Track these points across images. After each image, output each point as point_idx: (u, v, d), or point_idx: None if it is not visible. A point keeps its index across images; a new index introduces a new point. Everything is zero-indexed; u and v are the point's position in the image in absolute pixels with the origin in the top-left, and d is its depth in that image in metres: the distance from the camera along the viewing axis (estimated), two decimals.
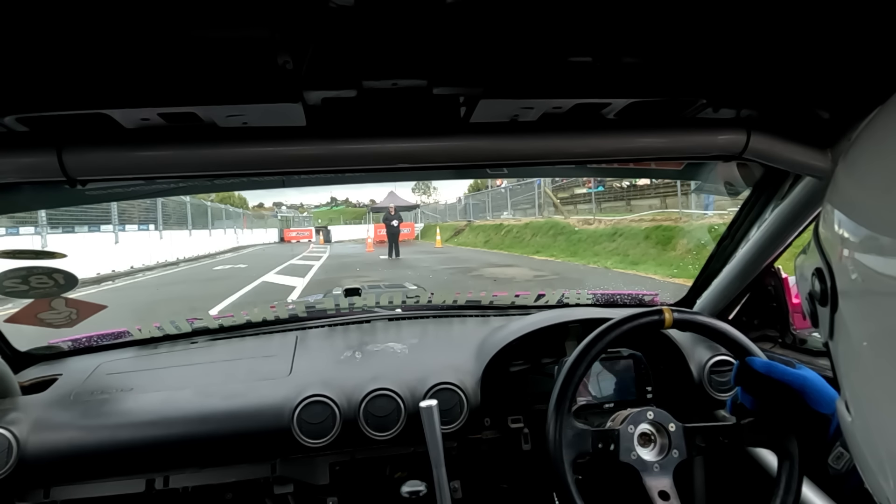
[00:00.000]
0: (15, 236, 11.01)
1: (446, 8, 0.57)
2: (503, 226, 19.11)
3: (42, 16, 0.54)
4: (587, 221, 14.60)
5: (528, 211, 20.08)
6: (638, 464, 0.92)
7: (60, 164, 0.77)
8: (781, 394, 0.85)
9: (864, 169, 0.45)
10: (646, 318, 0.96)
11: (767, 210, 1.20)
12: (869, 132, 0.47)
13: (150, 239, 14.95)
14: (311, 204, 47.71)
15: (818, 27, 0.64)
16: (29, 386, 1.24)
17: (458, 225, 25.33)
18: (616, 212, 15.67)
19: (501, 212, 22.42)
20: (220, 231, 22.16)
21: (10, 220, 10.82)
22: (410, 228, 27.40)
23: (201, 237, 19.10)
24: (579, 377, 0.95)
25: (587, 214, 16.03)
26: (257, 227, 30.93)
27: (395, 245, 16.56)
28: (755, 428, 0.92)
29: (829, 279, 0.46)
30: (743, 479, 1.26)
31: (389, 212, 17.57)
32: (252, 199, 40.34)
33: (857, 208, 0.45)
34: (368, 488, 1.29)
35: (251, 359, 1.34)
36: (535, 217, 18.45)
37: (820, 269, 0.48)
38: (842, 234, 0.45)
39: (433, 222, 30.97)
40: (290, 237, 31.54)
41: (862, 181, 0.45)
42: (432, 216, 34.27)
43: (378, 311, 1.63)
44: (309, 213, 43.41)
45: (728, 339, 0.95)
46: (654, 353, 1.31)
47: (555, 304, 1.62)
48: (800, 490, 0.88)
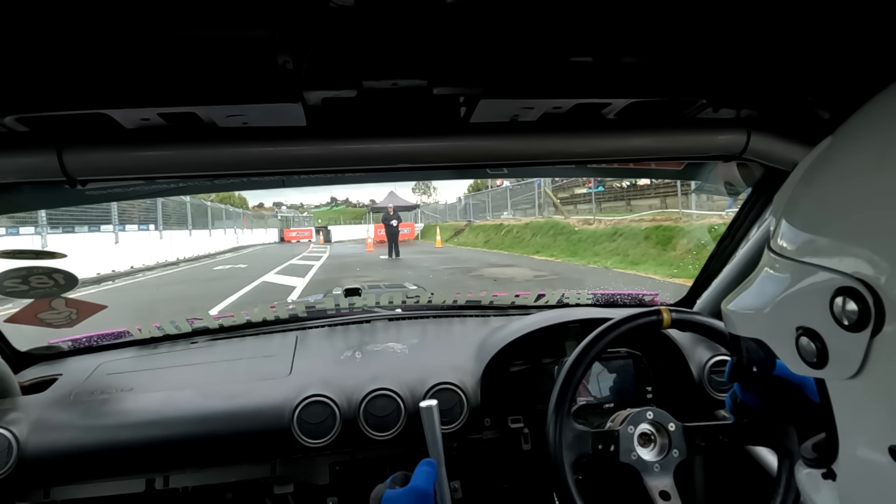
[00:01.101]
0: (15, 236, 11.00)
1: (446, 8, 0.57)
2: (503, 226, 19.06)
3: (42, 16, 0.54)
4: (587, 221, 14.56)
5: (528, 211, 20.05)
6: (638, 464, 0.92)
7: (60, 164, 0.77)
8: (782, 389, 0.85)
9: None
10: (644, 318, 0.96)
11: (767, 210, 1.20)
12: None
13: (150, 239, 14.95)
14: (311, 204, 47.71)
15: (818, 27, 0.64)
16: (29, 386, 1.24)
17: (458, 225, 25.28)
18: (616, 212, 15.64)
19: (501, 212, 22.38)
20: (221, 231, 22.14)
21: (10, 221, 10.80)
22: (410, 228, 27.34)
23: (201, 237, 19.08)
24: (579, 377, 0.95)
25: (587, 214, 16.00)
26: (257, 228, 30.88)
27: (394, 245, 16.52)
28: (755, 426, 0.92)
29: (871, 294, 0.38)
30: (743, 479, 1.26)
31: (389, 212, 17.54)
32: (252, 199, 40.29)
33: None
34: (368, 488, 1.29)
35: (251, 359, 1.34)
36: (535, 217, 18.41)
37: (849, 288, 0.39)
38: (877, 242, 0.38)
39: (433, 222, 30.88)
40: (290, 237, 31.52)
41: None
42: (432, 216, 34.18)
43: (378, 311, 1.63)
44: (309, 214, 43.35)
45: (726, 338, 0.95)
46: (654, 352, 1.31)
47: (555, 304, 1.62)
48: None
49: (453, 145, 0.86)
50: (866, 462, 0.41)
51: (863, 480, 0.42)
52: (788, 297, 0.45)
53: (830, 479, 0.46)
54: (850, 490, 0.44)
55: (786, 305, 0.46)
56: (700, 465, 1.36)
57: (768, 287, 0.48)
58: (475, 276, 10.69)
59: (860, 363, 0.39)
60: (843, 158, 0.44)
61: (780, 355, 0.47)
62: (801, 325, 0.43)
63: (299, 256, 17.33)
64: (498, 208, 23.07)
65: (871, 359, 0.39)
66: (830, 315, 0.40)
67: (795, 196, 0.48)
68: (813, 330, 0.42)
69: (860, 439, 0.42)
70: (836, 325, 0.40)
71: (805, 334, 0.43)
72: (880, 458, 0.39)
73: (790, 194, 0.49)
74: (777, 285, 0.47)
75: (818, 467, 0.47)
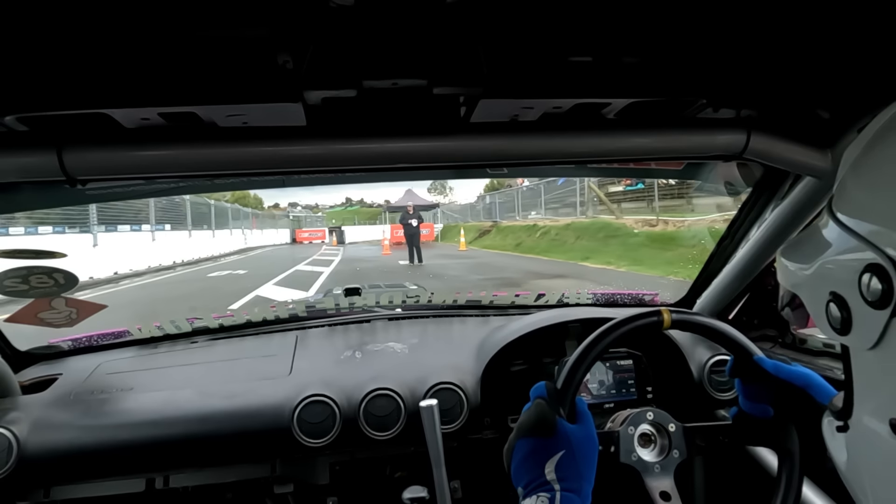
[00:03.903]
0: (5, 237, 10.48)
1: (446, 8, 0.57)
2: (537, 227, 16.87)
3: (43, 16, 0.54)
4: (648, 223, 12.19)
5: (561, 210, 17.65)
6: (639, 465, 0.92)
7: (60, 163, 0.77)
8: (787, 392, 0.85)
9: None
10: (644, 319, 0.96)
11: (767, 210, 1.20)
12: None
13: (141, 240, 13.61)
14: (325, 204, 47.08)
15: (818, 27, 0.64)
16: (29, 385, 1.24)
17: (483, 225, 23.02)
18: (675, 211, 12.99)
19: (530, 211, 20.04)
20: (227, 232, 21.13)
21: (2, 219, 10.42)
22: (430, 229, 25.59)
23: (203, 238, 18.18)
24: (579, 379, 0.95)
25: (635, 214, 13.45)
26: (268, 228, 30.45)
27: (416, 248, 14.25)
28: (756, 427, 0.92)
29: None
30: (743, 479, 1.26)
31: (408, 210, 15.49)
32: (268, 199, 39.84)
33: None
34: (368, 488, 1.29)
35: (251, 358, 1.34)
36: (575, 217, 16.06)
37: (877, 265, 0.39)
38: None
39: (452, 222, 29.26)
40: (301, 238, 30.70)
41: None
42: (451, 216, 32.48)
43: (378, 311, 1.63)
44: (323, 213, 43.03)
45: (728, 339, 0.95)
46: (655, 353, 1.31)
47: (555, 303, 1.62)
48: (800, 489, 0.88)
49: (453, 145, 0.86)
50: (869, 428, 0.44)
51: (864, 443, 0.45)
52: (829, 261, 0.46)
53: (843, 432, 0.49)
54: (854, 448, 0.48)
55: (825, 268, 0.46)
56: (700, 465, 1.36)
57: (816, 245, 0.48)
58: (523, 289, 8.32)
59: (878, 338, 0.41)
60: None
61: (811, 314, 0.48)
62: (833, 290, 0.44)
63: (307, 261, 15.50)
64: (528, 207, 20.51)
65: (887, 335, 0.40)
66: (857, 288, 0.41)
67: (861, 158, 0.46)
68: (842, 297, 0.43)
69: (868, 406, 0.44)
70: (861, 298, 0.41)
71: (834, 301, 0.44)
72: (881, 428, 0.42)
73: (858, 154, 0.46)
74: (823, 246, 0.47)
75: (838, 419, 0.50)
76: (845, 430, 0.49)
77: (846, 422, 0.48)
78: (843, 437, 0.49)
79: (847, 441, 0.48)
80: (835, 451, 0.51)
